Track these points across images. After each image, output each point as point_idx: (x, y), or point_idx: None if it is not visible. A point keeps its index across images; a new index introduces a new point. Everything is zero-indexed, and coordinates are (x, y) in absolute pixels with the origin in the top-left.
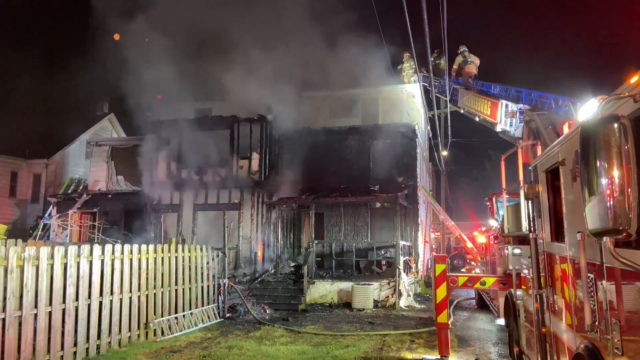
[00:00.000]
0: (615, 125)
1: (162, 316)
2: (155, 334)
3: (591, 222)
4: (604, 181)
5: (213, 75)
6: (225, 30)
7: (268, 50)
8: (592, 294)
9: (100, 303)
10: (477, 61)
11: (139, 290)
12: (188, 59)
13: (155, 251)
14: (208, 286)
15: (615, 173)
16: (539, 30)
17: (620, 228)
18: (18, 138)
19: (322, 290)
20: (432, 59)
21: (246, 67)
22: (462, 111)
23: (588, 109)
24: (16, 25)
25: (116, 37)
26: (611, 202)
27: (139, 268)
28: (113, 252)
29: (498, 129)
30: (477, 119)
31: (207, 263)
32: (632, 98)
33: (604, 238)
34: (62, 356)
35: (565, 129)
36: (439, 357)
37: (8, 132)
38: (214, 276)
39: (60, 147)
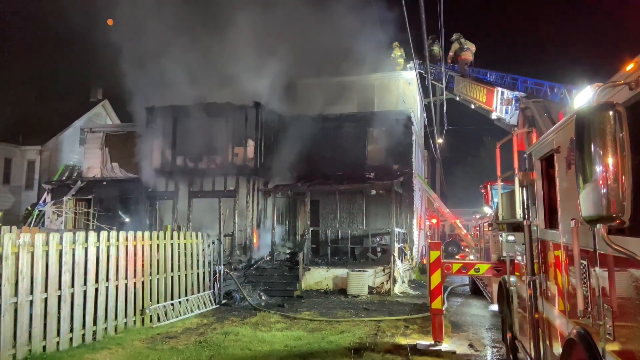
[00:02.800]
0: (611, 112)
1: (158, 303)
2: (151, 320)
3: (585, 209)
4: (598, 168)
5: (207, 61)
6: (220, 16)
7: (263, 37)
8: (585, 280)
9: (96, 289)
10: (473, 48)
11: (135, 277)
12: (182, 45)
13: (150, 238)
14: (204, 273)
15: (610, 160)
16: (535, 17)
17: (614, 215)
18: (11, 124)
19: (318, 276)
20: (427, 45)
21: (241, 54)
22: (457, 98)
23: (583, 96)
24: (8, 10)
25: (109, 22)
26: (605, 190)
27: (135, 255)
28: (108, 239)
29: (493, 116)
30: (472, 107)
31: (203, 250)
32: (628, 85)
33: (598, 225)
34: (58, 342)
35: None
36: (433, 342)
37: (1, 119)
38: (209, 263)
39: (54, 134)
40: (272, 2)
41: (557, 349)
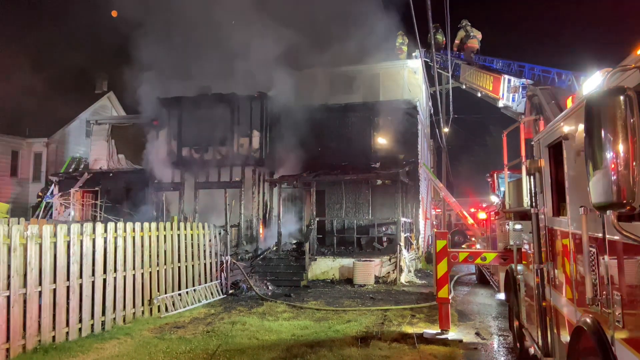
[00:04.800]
0: (621, 97)
1: (165, 293)
2: (159, 310)
3: (595, 195)
4: (608, 155)
5: (212, 52)
6: (224, 5)
7: (268, 26)
8: (594, 268)
9: (104, 280)
10: (479, 35)
11: (142, 267)
12: (187, 36)
13: (157, 229)
14: (211, 263)
15: (620, 146)
16: (542, 3)
17: (625, 201)
18: (17, 117)
19: (324, 266)
20: (431, 33)
21: (246, 44)
22: (463, 87)
23: (592, 82)
24: (13, 3)
25: (114, 13)
26: (616, 176)
27: (142, 246)
28: (116, 230)
29: (500, 104)
30: (479, 95)
31: (210, 240)
32: (638, 70)
33: (608, 212)
34: (67, 332)
35: (569, 104)
36: (439, 331)
37: (8, 111)
38: (216, 253)
39: (61, 126)
40: None
41: (565, 337)
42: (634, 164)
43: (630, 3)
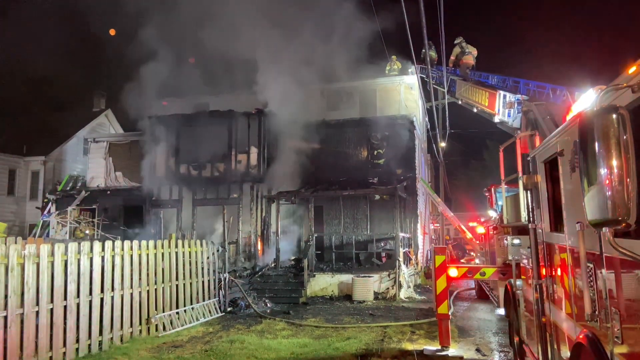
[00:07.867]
0: (614, 116)
1: (163, 311)
2: (157, 329)
3: (590, 212)
4: (603, 172)
5: (210, 69)
6: (221, 24)
7: (265, 44)
8: (592, 283)
9: (102, 299)
10: (474, 52)
11: (140, 286)
12: (185, 54)
13: (155, 247)
14: (209, 281)
15: (614, 163)
16: (536, 19)
17: (620, 218)
18: (15, 135)
19: (323, 283)
20: (424, 52)
21: (244, 61)
22: (460, 102)
23: (586, 99)
24: (11, 22)
25: (112, 32)
26: (610, 193)
27: (140, 264)
28: (113, 249)
29: (496, 119)
30: (475, 110)
31: (208, 258)
32: (631, 88)
33: (604, 228)
34: (64, 353)
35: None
36: (440, 347)
37: (5, 130)
38: (214, 271)
39: (58, 144)
40: (273, 9)
41: (565, 352)
42: (628, 180)
43: (626, 21)
